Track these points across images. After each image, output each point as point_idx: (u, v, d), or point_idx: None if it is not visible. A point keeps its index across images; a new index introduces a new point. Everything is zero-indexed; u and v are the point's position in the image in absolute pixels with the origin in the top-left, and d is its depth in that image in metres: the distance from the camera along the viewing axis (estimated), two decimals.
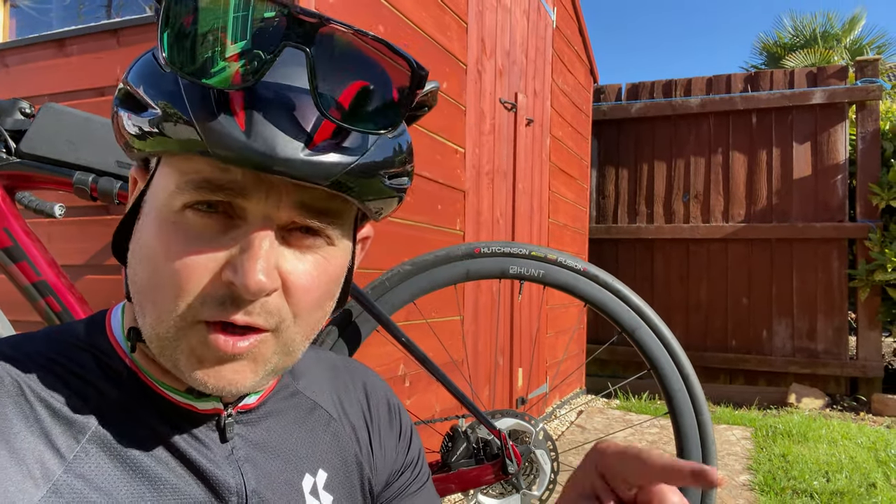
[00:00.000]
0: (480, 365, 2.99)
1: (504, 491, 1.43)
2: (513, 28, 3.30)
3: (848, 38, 10.86)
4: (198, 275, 0.48)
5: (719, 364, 5.12)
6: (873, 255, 4.60)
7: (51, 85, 1.85)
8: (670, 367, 1.48)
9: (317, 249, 0.52)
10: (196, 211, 0.48)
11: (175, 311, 0.48)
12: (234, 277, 0.47)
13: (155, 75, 0.47)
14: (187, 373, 0.50)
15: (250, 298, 0.48)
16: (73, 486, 0.48)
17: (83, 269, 1.79)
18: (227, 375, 0.50)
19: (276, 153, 0.45)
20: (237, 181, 0.47)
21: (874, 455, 3.36)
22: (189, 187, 0.47)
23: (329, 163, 0.47)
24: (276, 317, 0.50)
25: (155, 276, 0.49)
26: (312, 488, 0.63)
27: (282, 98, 0.46)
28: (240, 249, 0.47)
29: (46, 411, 0.49)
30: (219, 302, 0.48)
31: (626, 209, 5.55)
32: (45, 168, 1.19)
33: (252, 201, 0.48)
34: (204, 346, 0.49)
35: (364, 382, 0.75)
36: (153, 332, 0.50)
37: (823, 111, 4.96)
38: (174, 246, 0.48)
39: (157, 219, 0.49)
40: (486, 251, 1.49)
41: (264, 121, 0.45)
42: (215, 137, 0.45)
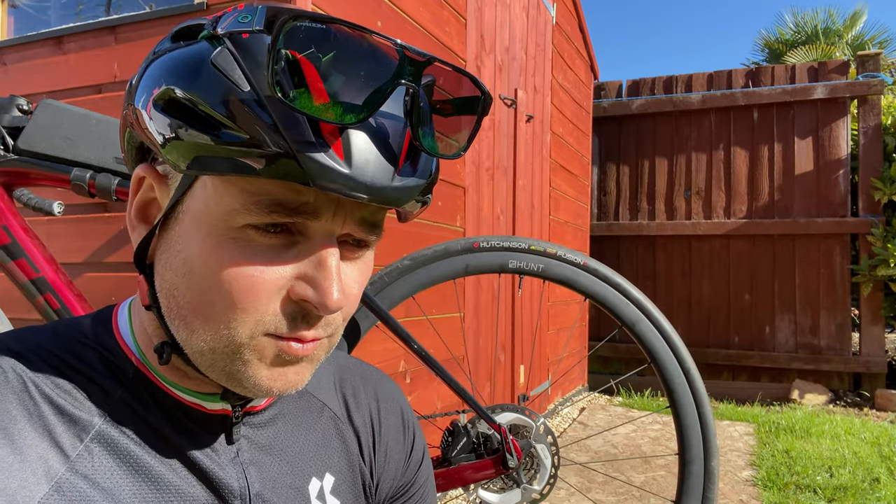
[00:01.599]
0: (481, 362, 2.99)
1: (505, 485, 1.43)
2: (512, 24, 3.29)
3: (849, 34, 10.83)
4: (266, 292, 0.48)
5: (722, 360, 5.11)
6: (876, 250, 4.59)
7: (49, 82, 1.85)
8: (671, 360, 1.48)
9: (360, 257, 0.53)
10: (258, 230, 0.47)
11: (242, 327, 0.48)
12: (312, 296, 0.48)
13: (226, 91, 0.44)
14: (252, 379, 0.50)
15: (326, 315, 0.50)
16: (75, 484, 0.47)
17: (82, 266, 1.79)
18: (290, 378, 0.51)
19: (373, 183, 0.46)
20: (310, 203, 0.47)
21: (878, 450, 3.35)
22: (258, 209, 0.46)
23: (409, 187, 0.49)
24: (334, 325, 0.53)
25: (210, 294, 0.48)
26: (319, 492, 0.62)
27: (379, 127, 0.47)
28: (313, 268, 0.48)
29: (50, 408, 0.49)
30: (290, 318, 0.49)
31: (628, 206, 5.54)
32: (42, 165, 1.19)
33: (321, 221, 0.48)
34: (273, 353, 0.50)
35: (377, 389, 0.74)
36: (208, 346, 0.49)
37: (825, 106, 4.95)
38: (234, 263, 0.47)
39: (209, 234, 0.47)
40: (485, 246, 1.49)
41: (362, 150, 0.45)
42: (317, 169, 0.44)
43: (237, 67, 0.44)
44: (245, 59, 0.44)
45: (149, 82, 0.48)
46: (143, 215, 0.54)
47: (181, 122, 0.45)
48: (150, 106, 0.47)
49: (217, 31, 0.46)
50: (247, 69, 0.44)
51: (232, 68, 0.44)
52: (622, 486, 2.86)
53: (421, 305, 1.90)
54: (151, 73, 0.48)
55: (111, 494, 0.49)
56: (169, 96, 0.46)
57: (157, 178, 0.52)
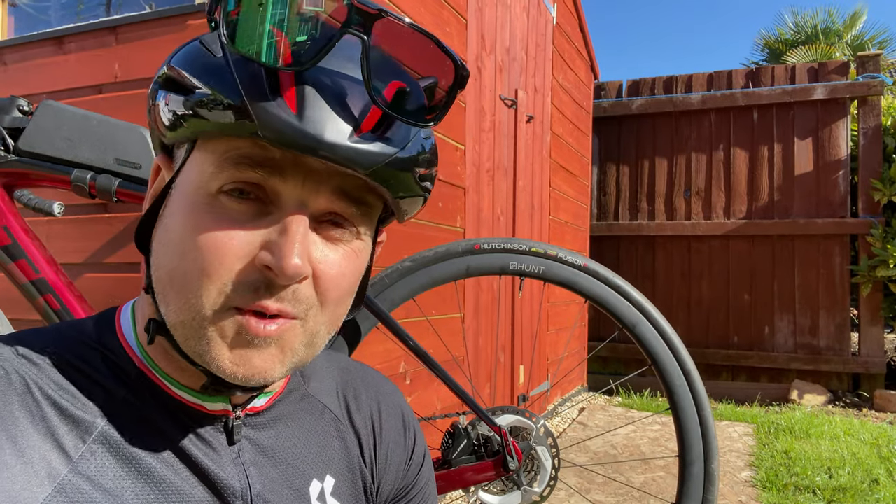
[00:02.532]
0: (481, 363, 2.99)
1: (505, 487, 1.43)
2: (513, 24, 3.29)
3: (849, 34, 10.83)
4: (231, 258, 0.48)
5: (721, 361, 5.11)
6: (875, 250, 4.59)
7: (49, 83, 1.85)
8: (671, 362, 1.48)
9: (346, 242, 0.53)
10: (230, 196, 0.48)
11: (206, 295, 0.48)
12: (270, 261, 0.47)
13: (202, 58, 0.48)
14: (215, 361, 0.49)
15: (285, 283, 0.48)
16: (78, 486, 0.48)
17: (82, 267, 1.79)
18: (256, 363, 0.50)
19: (323, 137, 0.46)
20: (276, 159, 0.47)
21: (877, 451, 3.35)
22: (228, 164, 0.48)
23: (373, 151, 0.48)
24: (305, 304, 0.51)
25: (184, 260, 0.48)
26: (320, 494, 0.62)
27: (332, 84, 0.48)
28: (277, 233, 0.48)
29: (53, 410, 0.49)
30: (252, 288, 0.48)
31: (628, 206, 5.54)
32: (43, 166, 1.19)
33: (289, 184, 0.48)
34: (235, 331, 0.49)
35: (378, 391, 0.74)
36: (178, 318, 0.49)
37: (825, 107, 4.95)
38: (206, 229, 0.48)
39: (188, 204, 0.49)
40: (486, 247, 1.49)
41: (314, 105, 0.46)
42: (266, 118, 0.45)
43: (217, 39, 0.49)
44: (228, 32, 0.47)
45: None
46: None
47: (173, 94, 0.49)
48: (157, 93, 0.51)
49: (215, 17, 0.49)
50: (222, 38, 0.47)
51: (213, 41, 0.49)
52: (622, 488, 2.86)
53: (421, 306, 1.90)
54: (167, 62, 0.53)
55: (114, 495, 0.49)
56: (165, 75, 0.50)
57: (167, 164, 0.54)
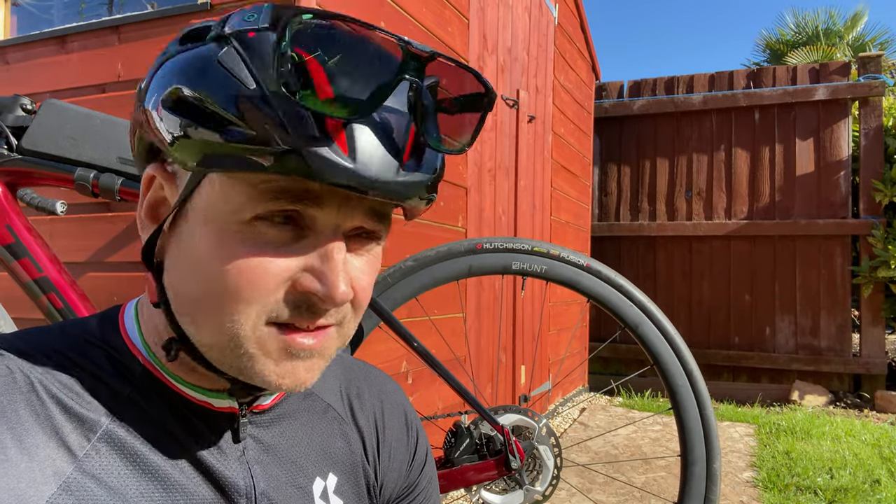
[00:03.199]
0: (483, 362, 2.99)
1: (507, 487, 1.43)
2: (514, 24, 3.29)
3: (850, 34, 10.83)
4: (271, 283, 0.48)
5: (722, 361, 5.11)
6: (876, 251, 4.59)
7: (52, 82, 1.85)
8: (673, 362, 1.48)
9: (369, 250, 0.54)
10: (265, 222, 0.48)
11: (245, 318, 0.48)
12: (318, 289, 0.49)
13: (232, 89, 0.45)
14: (260, 375, 0.50)
15: (332, 308, 0.50)
16: (83, 484, 0.48)
17: (85, 266, 1.79)
18: (301, 374, 0.52)
19: (377, 177, 0.47)
20: (314, 191, 0.47)
21: (878, 452, 3.35)
22: (264, 198, 0.47)
23: (415, 182, 0.50)
24: (342, 313, 0.53)
25: (216, 285, 0.48)
26: (323, 492, 0.63)
27: (380, 121, 0.48)
28: (319, 260, 0.49)
29: (58, 408, 0.49)
30: (293, 307, 0.50)
31: (629, 206, 5.54)
32: (46, 164, 1.19)
33: (325, 212, 0.49)
34: (278, 347, 0.50)
35: (381, 391, 0.74)
36: (213, 340, 0.50)
37: (826, 107, 4.94)
38: (242, 256, 0.48)
39: (216, 230, 0.48)
40: (488, 247, 1.49)
41: (364, 145, 0.46)
42: (319, 163, 0.45)
43: (244, 66, 0.45)
44: (251, 57, 0.45)
45: (158, 84, 0.49)
46: (153, 214, 0.54)
47: (189, 120, 0.46)
48: (159, 106, 0.48)
49: (224, 32, 0.47)
50: (253, 67, 0.45)
51: (239, 67, 0.45)
52: (623, 487, 2.86)
53: (423, 306, 1.90)
54: (161, 75, 0.50)
55: (119, 494, 0.49)
56: (177, 95, 0.47)
57: (167, 177, 0.52)
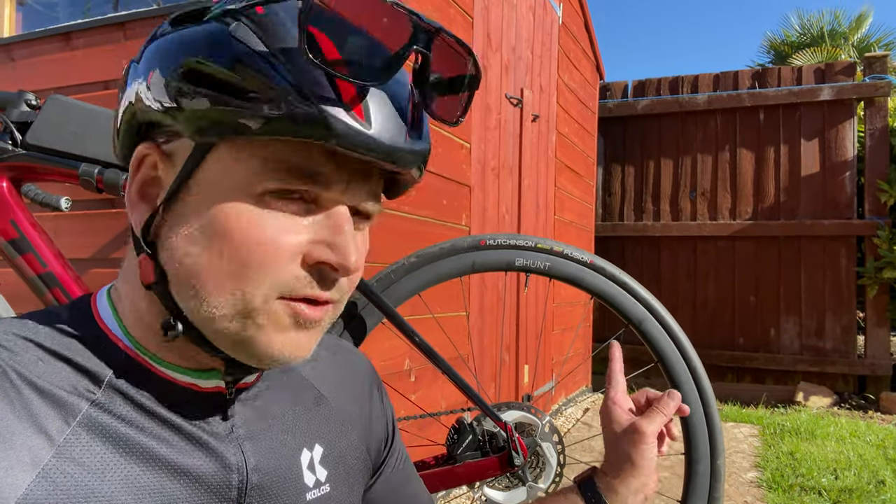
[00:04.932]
0: (486, 361, 2.99)
1: (510, 483, 1.43)
2: (518, 23, 3.29)
3: (855, 35, 10.79)
4: (286, 255, 0.50)
5: (726, 362, 5.10)
6: (882, 252, 4.57)
7: (57, 78, 1.85)
8: (677, 359, 1.47)
9: (363, 228, 0.56)
10: (275, 196, 0.49)
11: (258, 289, 0.50)
12: (332, 258, 0.51)
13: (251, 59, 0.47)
14: (265, 345, 0.51)
15: (343, 276, 0.52)
16: (63, 469, 0.47)
17: (89, 262, 1.79)
18: (303, 343, 0.53)
19: (393, 144, 0.49)
20: (322, 172, 0.49)
21: (883, 453, 3.33)
22: (274, 174, 0.48)
23: (420, 150, 0.52)
24: (345, 289, 0.55)
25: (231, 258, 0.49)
26: (310, 463, 0.64)
27: (391, 91, 0.50)
28: (330, 233, 0.51)
29: (34, 394, 0.48)
30: (306, 281, 0.51)
31: (633, 207, 5.53)
32: (50, 160, 1.19)
33: (333, 191, 0.51)
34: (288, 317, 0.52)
35: (349, 358, 0.78)
36: (220, 312, 0.50)
37: (831, 108, 4.93)
38: (256, 228, 0.49)
39: (228, 202, 0.49)
40: (491, 243, 1.48)
41: (379, 112, 0.49)
42: (343, 128, 0.46)
43: (258, 38, 0.47)
44: (264, 30, 0.47)
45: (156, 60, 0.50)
46: (144, 194, 0.53)
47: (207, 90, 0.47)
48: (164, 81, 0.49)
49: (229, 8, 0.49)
50: (267, 39, 0.47)
51: (254, 39, 0.47)
52: None
53: (426, 303, 1.89)
54: (157, 52, 0.50)
55: (101, 476, 0.49)
56: (192, 66, 0.48)
57: (162, 156, 0.52)
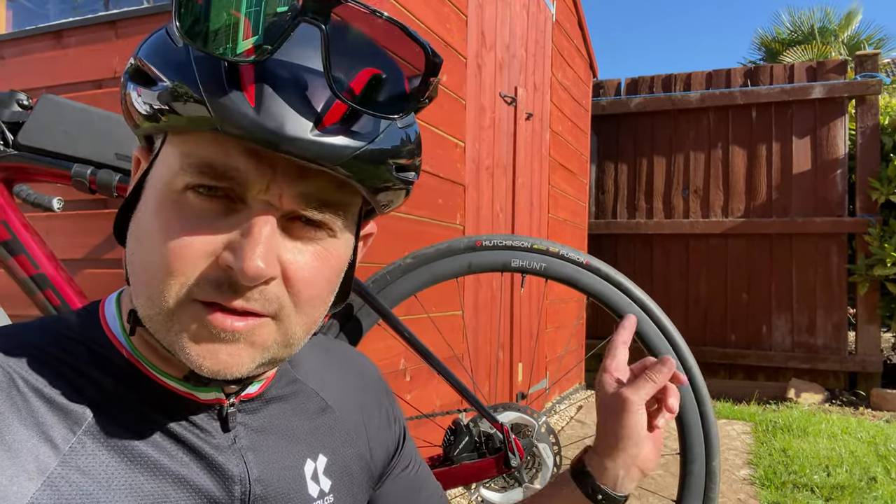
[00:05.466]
0: (480, 360, 2.99)
1: (507, 484, 1.43)
2: (512, 21, 3.28)
3: (845, 33, 10.85)
4: (194, 256, 0.47)
5: (719, 359, 5.13)
6: (872, 249, 4.60)
7: (49, 77, 1.83)
8: (673, 359, 1.47)
9: (318, 241, 0.51)
10: (197, 193, 0.48)
11: (168, 290, 0.47)
12: (232, 262, 0.46)
13: (167, 50, 0.47)
14: (182, 353, 0.49)
15: (247, 284, 0.47)
16: (68, 478, 0.47)
17: (82, 262, 1.78)
18: (223, 358, 0.49)
19: (284, 131, 0.44)
20: (238, 169, 0.46)
21: (874, 449, 3.36)
22: (191, 169, 0.47)
23: (338, 145, 0.46)
24: (276, 304, 0.50)
25: (149, 255, 0.48)
26: (313, 473, 0.63)
27: (293, 76, 0.46)
28: (240, 234, 0.47)
29: (41, 402, 0.48)
30: (215, 284, 0.47)
31: (626, 204, 5.55)
32: (43, 160, 1.18)
33: (253, 189, 0.47)
34: (200, 324, 0.48)
35: (359, 367, 0.77)
36: (147, 312, 0.49)
37: (823, 106, 4.96)
38: (172, 226, 0.47)
39: (157, 198, 0.49)
40: (487, 244, 1.48)
41: (274, 98, 0.45)
42: (224, 112, 0.44)
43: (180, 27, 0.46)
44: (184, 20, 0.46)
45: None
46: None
47: (138, 86, 0.48)
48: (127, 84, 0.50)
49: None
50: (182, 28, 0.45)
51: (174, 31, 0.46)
52: None
53: (420, 304, 1.89)
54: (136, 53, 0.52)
55: (106, 485, 0.48)
56: (133, 67, 0.49)
57: (146, 157, 0.54)
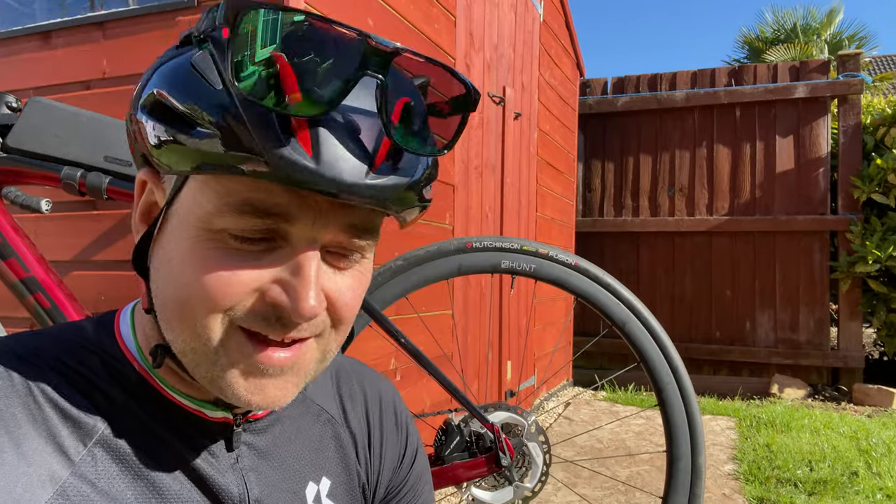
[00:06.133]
0: (470, 359, 3.01)
1: (497, 483, 1.45)
2: (500, 21, 3.29)
3: (827, 31, 10.97)
4: (239, 292, 0.47)
5: (704, 355, 5.18)
6: (854, 247, 4.67)
7: (36, 78, 1.82)
8: (660, 359, 1.50)
9: (354, 264, 0.52)
10: (235, 237, 0.47)
11: (212, 323, 0.48)
12: (285, 302, 0.47)
13: (201, 90, 0.45)
14: (230, 389, 0.49)
15: (301, 322, 0.48)
16: (79, 489, 0.48)
17: (70, 264, 1.77)
18: (271, 392, 0.50)
19: (343, 178, 0.44)
20: (282, 205, 0.46)
21: (856, 444, 3.42)
22: (230, 211, 0.46)
23: (389, 185, 0.47)
24: (321, 326, 0.51)
25: (188, 291, 0.48)
26: (316, 496, 0.63)
27: (346, 121, 0.46)
28: (290, 273, 0.47)
29: (54, 412, 0.49)
30: (262, 318, 0.48)
31: (612, 202, 5.58)
32: (32, 163, 1.18)
33: (298, 227, 0.47)
34: (248, 361, 0.49)
35: (373, 390, 0.74)
36: (187, 346, 0.49)
37: (806, 105, 5.02)
38: (212, 262, 0.47)
39: (188, 234, 0.48)
40: (477, 246, 1.50)
41: (329, 145, 0.44)
42: (282, 163, 0.43)
43: (214, 67, 0.45)
44: (219, 57, 0.45)
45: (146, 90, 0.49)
46: (147, 218, 0.54)
47: (165, 124, 0.46)
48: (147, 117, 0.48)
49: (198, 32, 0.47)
50: (222, 68, 0.44)
51: (210, 69, 0.45)
52: (608, 481, 2.90)
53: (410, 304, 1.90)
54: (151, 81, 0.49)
55: (113, 499, 0.49)
56: (153, 100, 0.46)
57: (156, 181, 0.52)
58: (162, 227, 0.51)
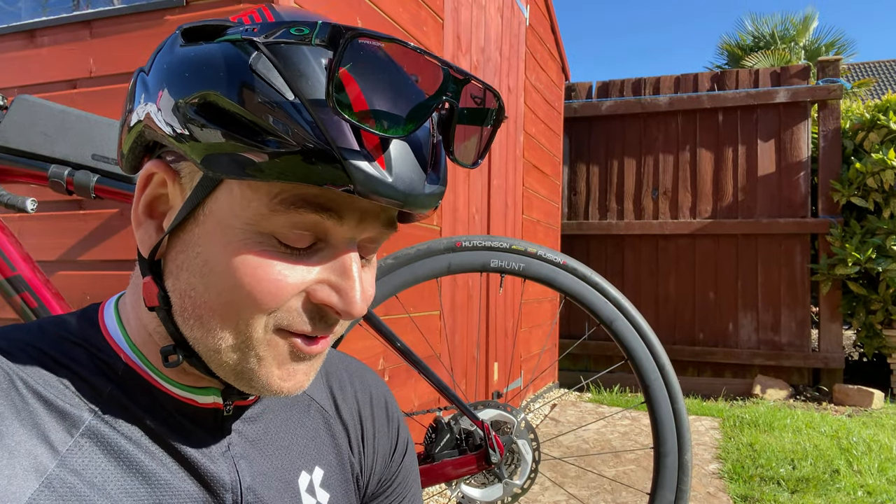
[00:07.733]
0: (457, 360, 3.01)
1: (486, 480, 1.45)
2: (487, 25, 3.32)
3: (804, 38, 11.16)
4: (286, 293, 0.49)
5: (687, 357, 5.23)
6: (834, 249, 4.75)
7: (22, 77, 1.80)
8: (647, 357, 1.52)
9: (371, 259, 0.56)
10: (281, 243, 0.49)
11: (257, 323, 0.50)
12: (336, 302, 0.50)
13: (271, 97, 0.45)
14: (265, 377, 0.52)
15: (346, 319, 0.52)
16: (65, 480, 0.47)
17: (56, 264, 1.75)
18: (300, 378, 0.53)
19: (411, 190, 0.48)
20: (334, 200, 0.48)
21: (837, 443, 3.47)
22: (283, 206, 0.47)
23: (438, 192, 0.52)
24: (345, 325, 0.55)
25: (233, 294, 0.49)
26: (309, 486, 0.63)
27: (413, 138, 0.50)
28: (335, 273, 0.51)
29: (39, 403, 0.49)
30: (308, 317, 0.51)
31: (597, 205, 5.63)
32: (19, 161, 1.17)
33: (345, 225, 0.50)
34: (286, 352, 0.52)
35: (363, 382, 0.75)
36: (225, 344, 0.50)
37: (787, 110, 5.10)
38: (259, 265, 0.48)
39: (236, 239, 0.48)
40: (467, 245, 1.50)
41: (400, 160, 0.48)
42: (362, 177, 0.45)
43: (278, 75, 0.45)
44: (287, 68, 0.45)
45: (165, 78, 0.48)
46: (151, 211, 0.53)
47: (222, 127, 0.45)
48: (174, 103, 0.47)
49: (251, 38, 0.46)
50: (289, 78, 0.45)
51: (273, 76, 0.45)
52: (595, 480, 2.91)
53: (397, 304, 1.91)
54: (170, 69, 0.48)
55: (102, 490, 0.49)
56: (208, 100, 0.45)
57: (170, 175, 0.51)
58: (185, 225, 0.50)
